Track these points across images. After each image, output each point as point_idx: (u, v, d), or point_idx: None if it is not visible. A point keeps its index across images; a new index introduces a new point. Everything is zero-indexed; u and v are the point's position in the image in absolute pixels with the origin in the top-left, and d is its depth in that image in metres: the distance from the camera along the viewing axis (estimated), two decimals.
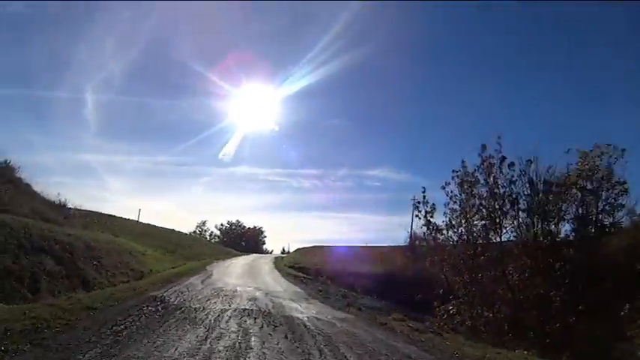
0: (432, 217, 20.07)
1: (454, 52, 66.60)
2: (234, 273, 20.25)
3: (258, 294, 13.48)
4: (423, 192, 20.16)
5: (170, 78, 68.31)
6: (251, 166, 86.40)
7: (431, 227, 20.06)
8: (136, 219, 42.22)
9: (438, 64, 69.24)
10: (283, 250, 76.27)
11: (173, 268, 19.51)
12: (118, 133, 77.94)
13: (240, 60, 47.47)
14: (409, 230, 58.69)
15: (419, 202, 20.56)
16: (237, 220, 76.20)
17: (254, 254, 49.04)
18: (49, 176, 67.21)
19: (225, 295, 12.40)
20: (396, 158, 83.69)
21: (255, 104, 53.01)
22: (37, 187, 20.70)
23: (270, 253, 73.43)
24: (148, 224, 39.39)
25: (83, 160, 70.70)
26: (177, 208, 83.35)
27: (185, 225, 69.63)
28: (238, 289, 14.18)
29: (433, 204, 20.25)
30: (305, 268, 30.38)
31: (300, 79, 39.03)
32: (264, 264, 28.03)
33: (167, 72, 67.16)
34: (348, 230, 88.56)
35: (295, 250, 54.52)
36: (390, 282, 27.33)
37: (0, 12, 36.36)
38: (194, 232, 70.45)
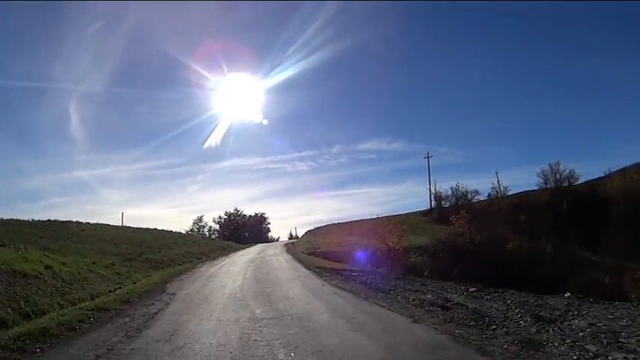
0: None
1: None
2: (224, 289, 10.79)
3: None
4: None
5: (152, 79, 66.63)
6: (243, 158, 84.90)
7: None
8: (120, 224, 35.76)
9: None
10: (291, 235, 70.50)
11: (92, 299, 9.58)
12: (106, 145, 76.17)
13: (224, 50, 47.16)
14: (432, 192, 52.67)
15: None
16: (236, 209, 67.73)
17: (259, 245, 41.37)
18: (45, 199, 66.85)
19: None
20: (386, 130, 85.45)
21: (241, 95, 51.43)
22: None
23: (277, 240, 67.68)
24: (127, 227, 32.23)
25: (75, 177, 69.12)
26: (176, 210, 78.39)
27: (185, 226, 64.07)
28: None
29: None
30: (332, 252, 22.61)
31: (286, 69, 38.70)
32: (275, 258, 20.46)
33: (148, 73, 64.92)
34: (351, 207, 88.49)
35: (306, 233, 46.82)
36: (457, 253, 19.70)
37: None
38: (191, 230, 63.21)
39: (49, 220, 26.34)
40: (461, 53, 70.23)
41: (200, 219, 64.57)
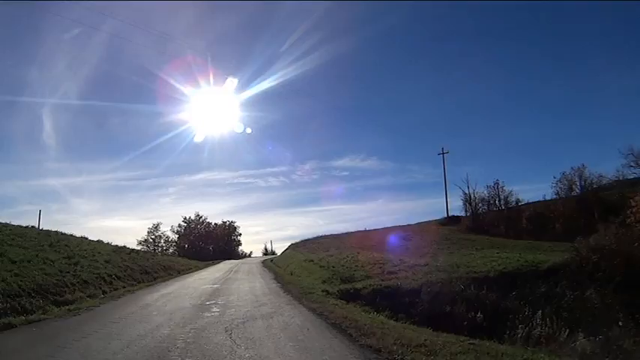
0: None
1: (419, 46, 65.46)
2: None
3: None
4: None
5: (127, 89, 63.20)
6: (215, 171, 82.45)
7: None
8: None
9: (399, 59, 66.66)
10: (266, 250, 58.99)
11: None
12: (79, 154, 73.37)
13: (199, 63, 39.38)
14: (467, 199, 40.88)
15: None
16: (198, 215, 53.88)
17: (226, 262, 28.90)
18: (13, 206, 62.64)
19: None
20: (360, 147, 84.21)
21: (215, 108, 46.93)
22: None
23: (249, 256, 56.07)
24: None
25: (46, 185, 68.49)
26: (147, 222, 71.53)
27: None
28: None
29: None
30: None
31: (258, 83, 35.05)
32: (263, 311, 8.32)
33: (123, 83, 61.67)
34: (322, 223, 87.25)
35: (291, 247, 34.49)
36: None
37: None
38: (145, 240, 49.45)
39: None
40: (439, 77, 67.34)
41: (156, 227, 50.70)
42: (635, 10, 48.59)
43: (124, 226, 73.30)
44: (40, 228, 20.19)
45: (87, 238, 18.40)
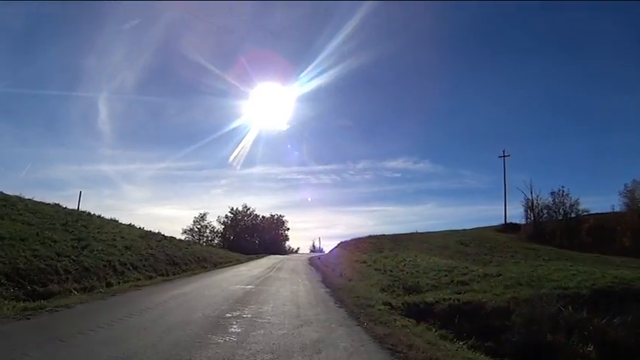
0: None
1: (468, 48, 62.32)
2: None
3: None
4: None
5: (183, 81, 64.58)
6: (268, 166, 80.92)
7: None
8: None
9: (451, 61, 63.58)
10: (314, 247, 56.95)
11: None
12: (133, 141, 73.51)
13: (254, 58, 45.35)
14: (529, 205, 36.52)
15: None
16: (245, 206, 52.26)
17: (271, 257, 26.54)
18: (66, 189, 66.18)
19: None
20: (414, 149, 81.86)
21: (269, 103, 50.46)
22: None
23: (296, 252, 53.68)
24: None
25: (99, 170, 68.85)
26: (197, 213, 71.45)
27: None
28: None
29: None
30: None
31: (314, 78, 37.32)
32: None
33: (180, 75, 61.47)
34: (372, 224, 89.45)
35: (340, 245, 31.42)
36: None
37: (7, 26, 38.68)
38: (190, 229, 49.30)
39: None
40: (498, 85, 65.23)
41: (203, 217, 50.07)
42: None
43: (174, 215, 74.81)
44: (80, 210, 19.02)
45: (117, 221, 16.69)
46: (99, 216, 16.56)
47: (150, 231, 17.14)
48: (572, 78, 59.93)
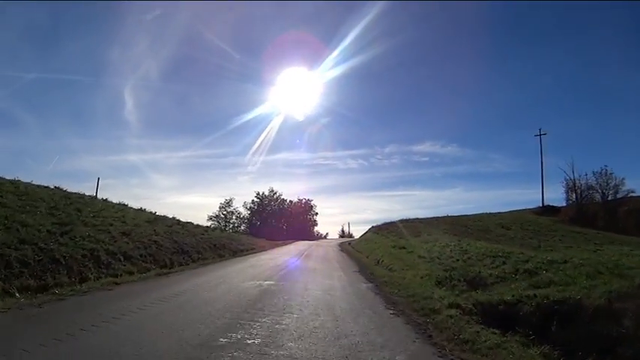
0: None
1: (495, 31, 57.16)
2: None
3: None
4: None
5: (207, 68, 62.52)
6: (294, 152, 78.53)
7: None
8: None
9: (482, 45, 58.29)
10: (343, 232, 54.83)
11: None
12: (159, 130, 74.38)
13: (280, 43, 44.69)
14: (570, 186, 32.95)
15: None
16: (272, 190, 50.46)
17: (298, 243, 24.42)
18: (93, 180, 56.83)
19: None
20: (441, 133, 77.91)
21: (295, 89, 51.12)
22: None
23: (325, 237, 51.74)
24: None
25: (126, 160, 67.90)
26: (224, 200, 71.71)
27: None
28: None
29: None
30: None
31: (340, 64, 36.56)
32: None
33: (204, 62, 60.66)
34: (400, 208, 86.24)
35: (371, 230, 28.84)
36: None
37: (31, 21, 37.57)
38: (216, 216, 48.24)
39: None
40: (525, 68, 60.24)
41: (229, 203, 48.66)
42: None
43: (201, 203, 74.59)
44: (97, 197, 17.42)
45: (126, 205, 14.88)
46: (104, 199, 14.86)
47: (161, 215, 15.29)
48: (606, 55, 53.81)
